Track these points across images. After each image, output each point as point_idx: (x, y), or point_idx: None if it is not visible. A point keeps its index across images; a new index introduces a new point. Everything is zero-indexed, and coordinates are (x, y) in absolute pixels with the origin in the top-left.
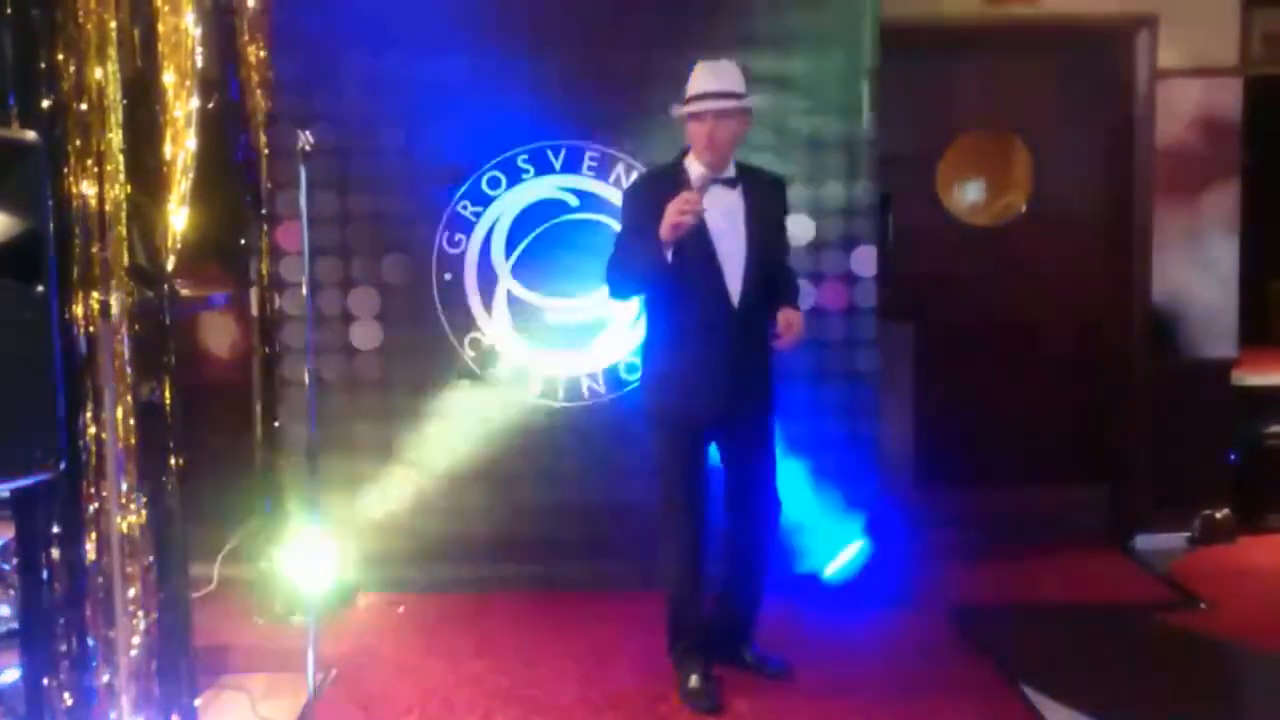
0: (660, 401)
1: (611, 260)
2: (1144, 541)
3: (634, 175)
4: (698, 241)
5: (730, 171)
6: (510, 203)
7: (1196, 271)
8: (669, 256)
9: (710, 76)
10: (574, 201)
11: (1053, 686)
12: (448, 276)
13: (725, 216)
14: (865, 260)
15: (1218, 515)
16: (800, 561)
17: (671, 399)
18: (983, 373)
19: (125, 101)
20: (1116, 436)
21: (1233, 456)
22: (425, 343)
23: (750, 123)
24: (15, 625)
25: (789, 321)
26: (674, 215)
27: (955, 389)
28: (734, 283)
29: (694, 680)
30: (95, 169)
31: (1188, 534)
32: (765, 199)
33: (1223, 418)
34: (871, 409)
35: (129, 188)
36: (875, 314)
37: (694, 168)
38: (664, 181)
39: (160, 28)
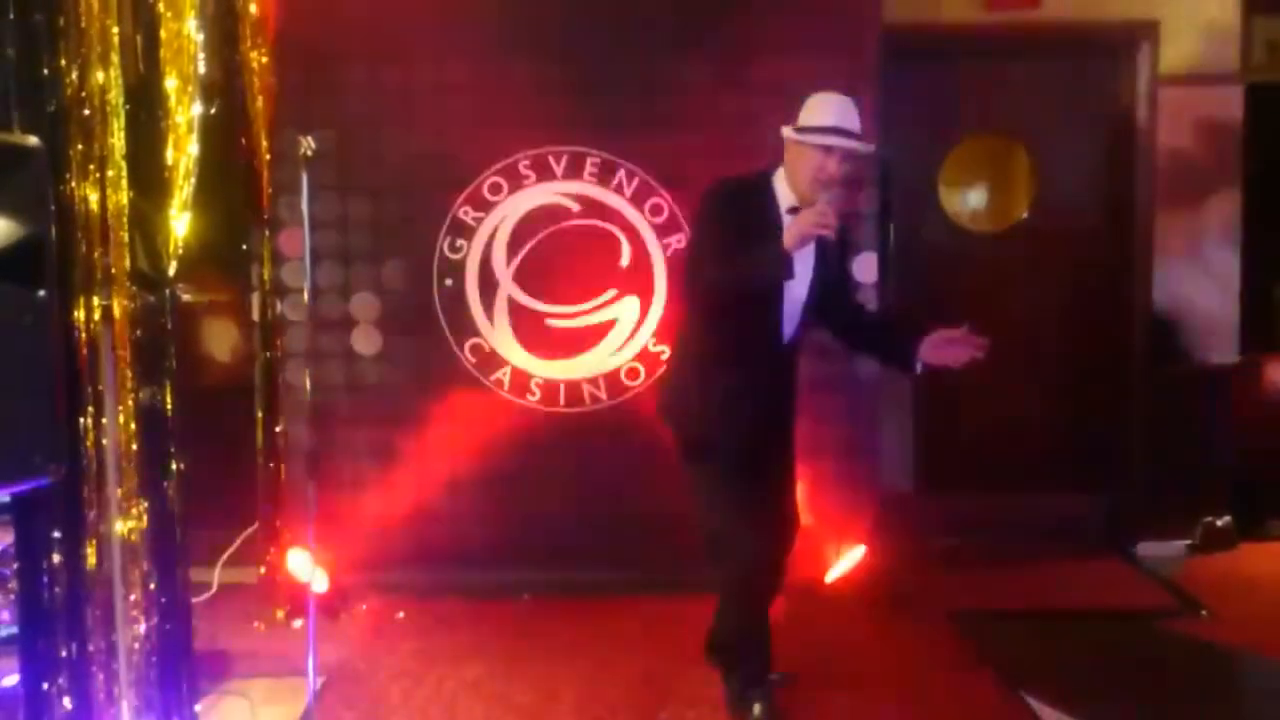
0: (702, 431)
1: (716, 259)
2: (1145, 548)
3: (636, 180)
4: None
5: None
6: (512, 208)
7: (1197, 278)
8: (793, 268)
9: (843, 113)
10: (575, 207)
11: (1053, 693)
12: (449, 282)
13: (799, 259)
14: (866, 267)
15: (1218, 522)
16: (801, 568)
17: (716, 427)
18: (983, 379)
19: (127, 107)
20: (1117, 443)
21: (1233, 463)
22: (425, 348)
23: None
24: (15, 630)
25: (941, 341)
26: (808, 225)
27: (955, 395)
28: (791, 318)
29: (758, 709)
30: (97, 174)
31: (1188, 541)
32: (837, 245)
33: (1223, 425)
34: (872, 416)
35: (131, 192)
36: None
37: (783, 190)
38: (751, 195)
39: (162, 33)
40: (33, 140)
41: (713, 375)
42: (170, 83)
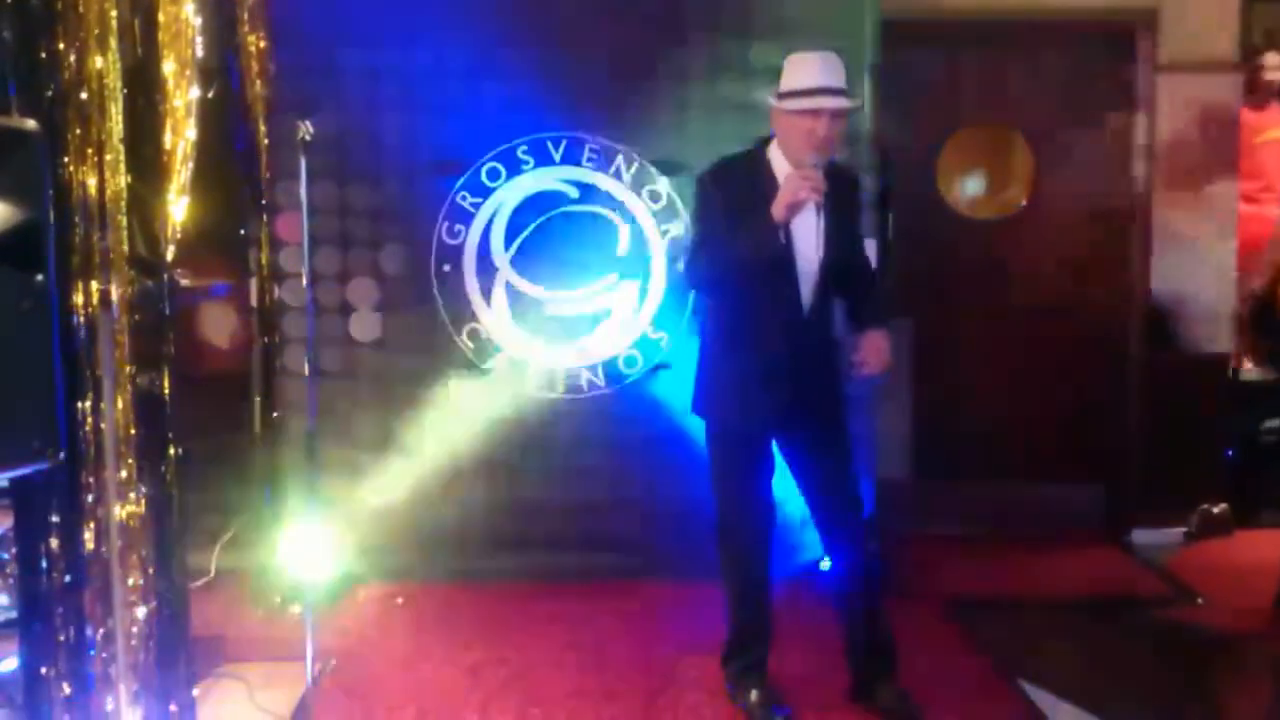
0: (719, 408)
1: (700, 248)
2: (1141, 536)
3: (634, 166)
4: (778, 244)
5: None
6: (510, 194)
7: (1195, 266)
8: (782, 237)
9: (822, 70)
10: (574, 193)
11: (1049, 681)
12: (447, 268)
13: (801, 216)
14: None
15: (1214, 510)
16: (798, 555)
17: (732, 405)
18: (981, 367)
19: (125, 91)
20: (1114, 431)
21: (1229, 452)
22: (424, 334)
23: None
24: (14, 614)
25: (875, 347)
26: (792, 192)
27: (953, 383)
28: (806, 286)
29: (755, 695)
30: (95, 158)
31: (1184, 529)
32: (843, 199)
33: (1219, 413)
34: (869, 403)
35: (129, 177)
36: None
37: (778, 161)
38: (745, 171)
39: (160, 17)
40: (30, 124)
41: (730, 350)
42: (168, 66)
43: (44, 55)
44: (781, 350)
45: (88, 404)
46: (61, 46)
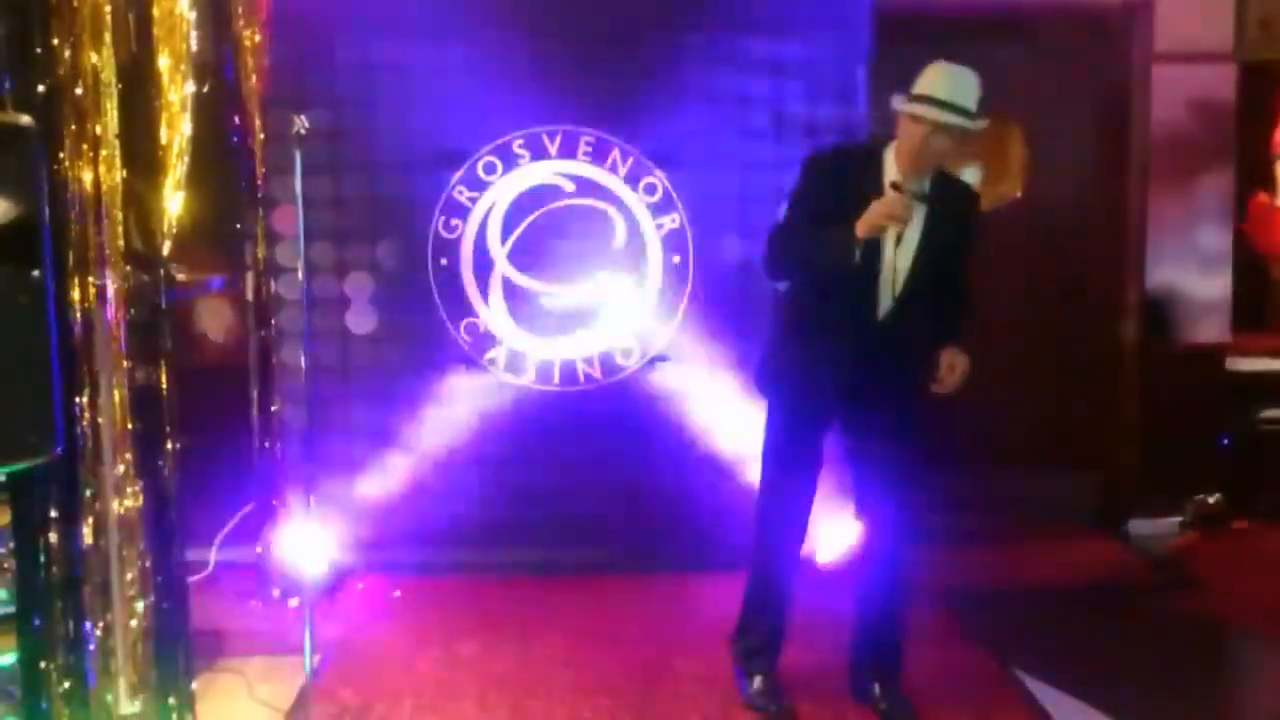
0: (784, 387)
1: (784, 233)
2: (1137, 526)
3: (630, 160)
4: (866, 245)
5: (926, 185)
6: (506, 188)
7: (1189, 257)
8: (857, 255)
9: (947, 83)
10: (570, 187)
11: (1046, 670)
12: (443, 261)
13: (906, 224)
14: None
15: (1210, 500)
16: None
17: (798, 386)
18: (977, 357)
19: (120, 86)
20: (1110, 422)
21: (1225, 442)
22: (421, 327)
23: (966, 144)
24: (12, 608)
25: (951, 364)
26: (880, 216)
27: None
28: (885, 294)
29: (758, 681)
30: (91, 153)
31: (1180, 519)
32: (950, 215)
33: (1215, 403)
34: None
35: (124, 172)
36: None
37: (891, 164)
38: (855, 165)
39: (155, 12)
40: (25, 119)
41: (799, 339)
42: (163, 62)
43: (39, 51)
44: (849, 351)
45: (85, 399)
46: (56, 42)
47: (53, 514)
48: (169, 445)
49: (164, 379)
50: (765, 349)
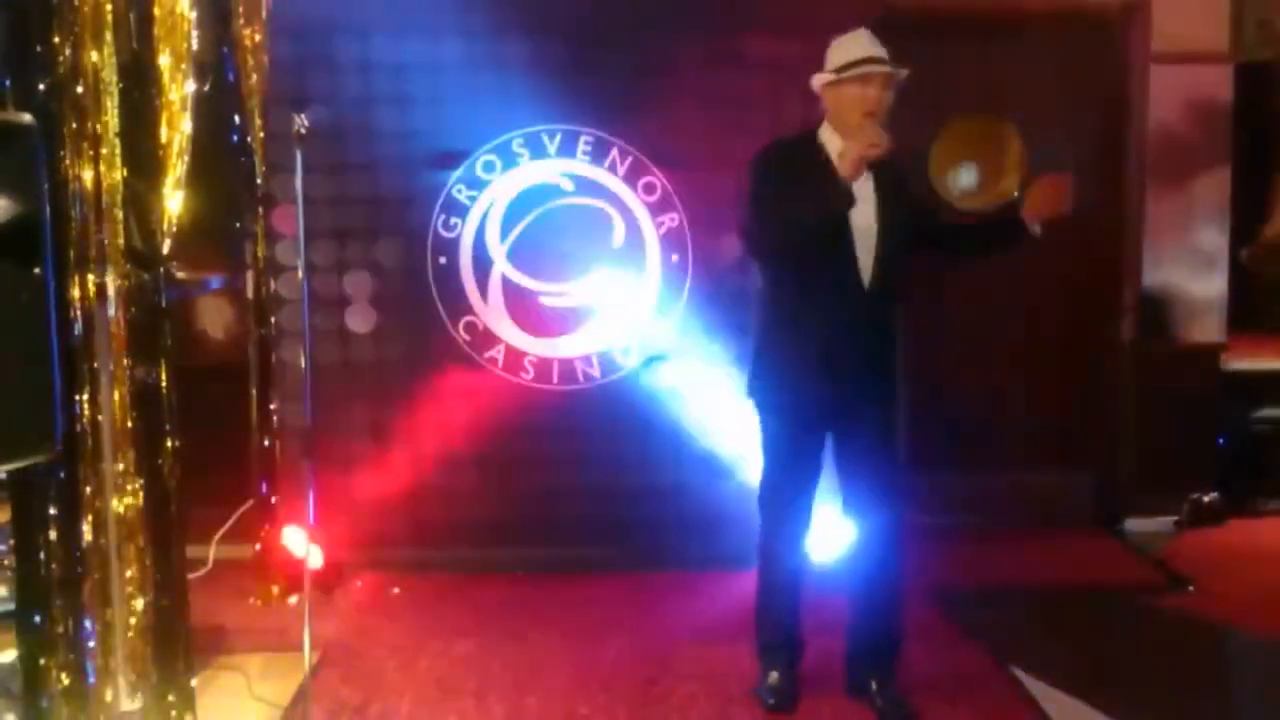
0: (775, 385)
1: (760, 219)
2: (1132, 525)
3: (629, 159)
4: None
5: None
6: (505, 187)
7: (1186, 256)
8: (853, 196)
9: (865, 43)
10: (569, 186)
11: (1041, 668)
12: (443, 260)
13: (858, 192)
14: None
15: (1205, 499)
16: None
17: (788, 382)
18: (972, 357)
19: (121, 84)
20: (1106, 420)
21: (1220, 440)
22: (420, 326)
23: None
24: (12, 606)
25: (1050, 185)
26: (861, 147)
27: (943, 373)
28: (866, 260)
29: (773, 676)
30: (91, 152)
31: (1176, 517)
32: (893, 174)
33: (1211, 402)
34: None
35: (125, 170)
36: None
37: (831, 140)
38: (798, 152)
39: (156, 10)
40: (26, 118)
41: (790, 326)
42: (164, 60)
43: (39, 49)
44: (842, 328)
45: (85, 397)
46: (57, 40)
47: (52, 511)
48: (168, 443)
49: (164, 377)
50: (752, 352)
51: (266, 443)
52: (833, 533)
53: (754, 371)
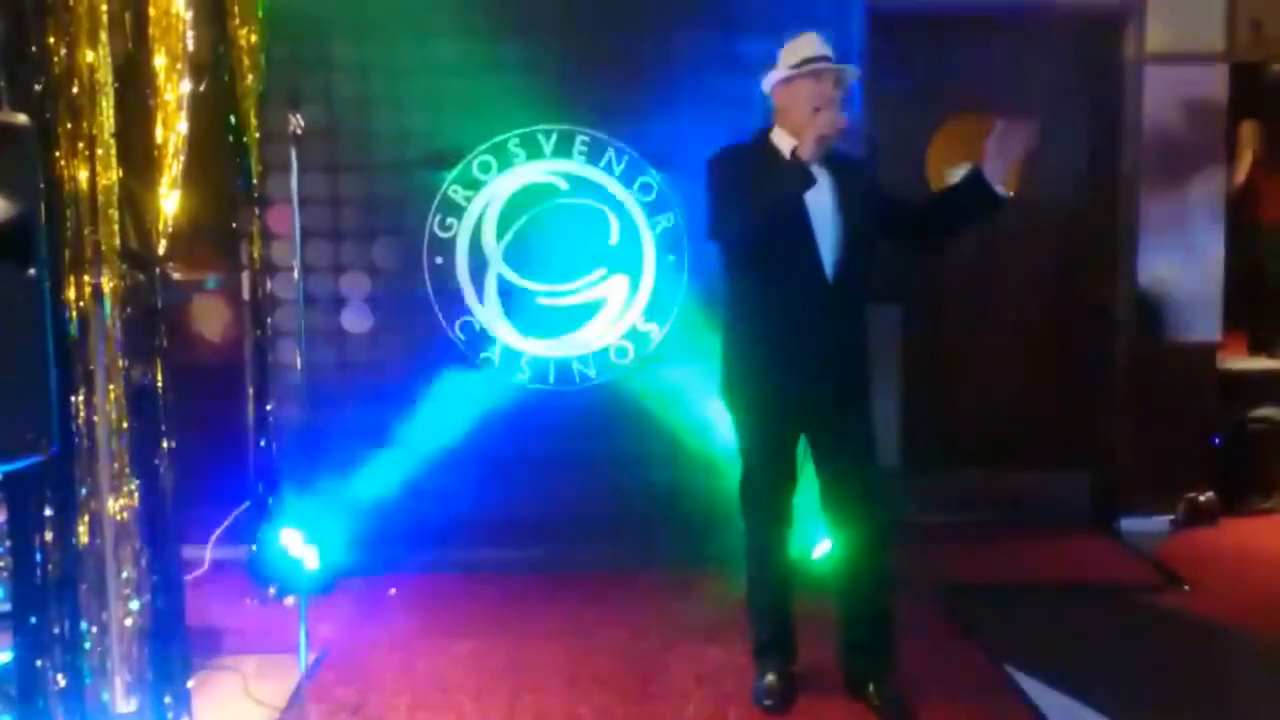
0: (745, 383)
1: (723, 213)
2: (1128, 524)
3: (625, 159)
4: (788, 214)
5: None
6: (501, 187)
7: (1181, 256)
8: (813, 176)
9: (813, 43)
10: (564, 186)
11: (1037, 667)
12: (438, 260)
13: (813, 191)
14: None
15: (1201, 498)
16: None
17: (755, 378)
18: (969, 356)
19: (116, 84)
20: (1102, 420)
21: (1216, 440)
22: (416, 326)
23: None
24: (8, 607)
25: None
26: (823, 127)
27: (941, 372)
28: (827, 253)
29: (769, 678)
30: (86, 152)
31: (1172, 517)
32: (849, 166)
33: (1207, 402)
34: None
35: (120, 171)
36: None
37: (783, 142)
38: (751, 154)
39: (151, 10)
40: (21, 118)
41: (755, 322)
42: (159, 60)
43: (34, 49)
44: (806, 321)
45: (80, 397)
46: (52, 40)
47: (48, 513)
48: (164, 444)
49: (160, 378)
50: (721, 352)
51: (263, 443)
52: (822, 532)
53: (724, 371)
